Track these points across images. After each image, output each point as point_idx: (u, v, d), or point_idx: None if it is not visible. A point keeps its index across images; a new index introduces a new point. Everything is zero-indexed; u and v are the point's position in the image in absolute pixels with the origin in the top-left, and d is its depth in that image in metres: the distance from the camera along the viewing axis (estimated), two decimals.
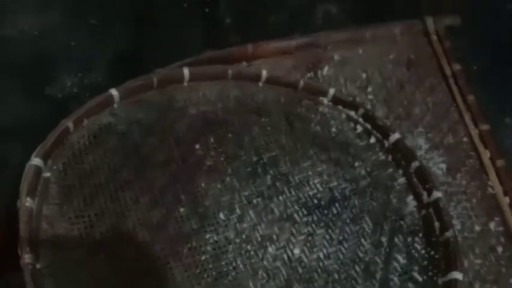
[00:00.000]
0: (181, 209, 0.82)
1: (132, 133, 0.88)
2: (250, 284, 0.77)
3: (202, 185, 0.86)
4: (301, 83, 1.00)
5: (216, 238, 0.81)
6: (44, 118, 0.92)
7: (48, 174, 0.78)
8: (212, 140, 0.92)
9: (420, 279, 0.79)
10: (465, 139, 0.99)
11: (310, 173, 0.91)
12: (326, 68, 1.07)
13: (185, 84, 0.94)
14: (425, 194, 0.87)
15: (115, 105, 0.89)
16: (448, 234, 0.80)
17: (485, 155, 0.96)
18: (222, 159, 0.90)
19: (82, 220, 0.76)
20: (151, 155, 0.87)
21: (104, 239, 0.75)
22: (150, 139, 0.88)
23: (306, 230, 0.84)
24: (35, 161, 0.77)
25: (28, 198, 0.74)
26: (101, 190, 0.80)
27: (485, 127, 1.00)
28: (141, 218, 0.80)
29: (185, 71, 0.93)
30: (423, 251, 0.82)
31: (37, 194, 0.75)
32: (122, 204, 0.80)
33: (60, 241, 0.73)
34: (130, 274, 0.74)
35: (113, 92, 0.87)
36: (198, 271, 0.77)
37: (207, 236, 0.81)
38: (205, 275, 0.76)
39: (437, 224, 0.83)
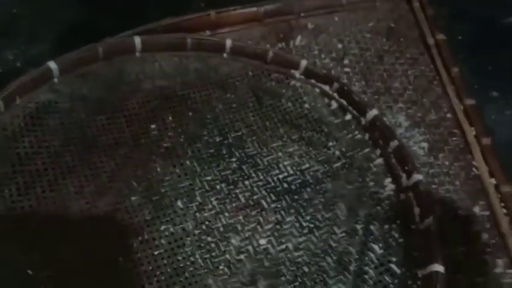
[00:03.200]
0: (133, 198, 0.73)
1: (76, 112, 0.78)
2: (210, 280, 0.69)
3: (158, 169, 0.77)
4: (271, 54, 0.90)
5: (172, 230, 0.72)
6: None
7: None
8: (170, 118, 0.83)
9: (398, 271, 0.72)
10: (449, 115, 0.91)
11: (280, 154, 0.83)
12: (299, 38, 0.97)
13: (137, 55, 0.84)
14: (404, 176, 0.79)
15: (56, 80, 0.78)
16: (428, 221, 0.72)
17: (470, 132, 0.88)
18: (182, 140, 0.81)
19: (14, 213, 0.67)
20: (99, 137, 0.77)
21: (39, 234, 0.66)
22: (97, 118, 0.78)
23: (274, 218, 0.76)
24: None
25: None
26: (39, 178, 0.71)
27: (470, 102, 0.91)
28: (85, 209, 0.70)
29: (137, 40, 0.82)
30: (401, 240, 0.74)
31: None
32: (63, 193, 0.71)
33: None
34: (70, 275, 0.64)
35: (52, 65, 0.76)
36: (150, 268, 0.68)
37: (162, 228, 0.72)
38: (158, 272, 0.68)
39: (417, 210, 0.75)
